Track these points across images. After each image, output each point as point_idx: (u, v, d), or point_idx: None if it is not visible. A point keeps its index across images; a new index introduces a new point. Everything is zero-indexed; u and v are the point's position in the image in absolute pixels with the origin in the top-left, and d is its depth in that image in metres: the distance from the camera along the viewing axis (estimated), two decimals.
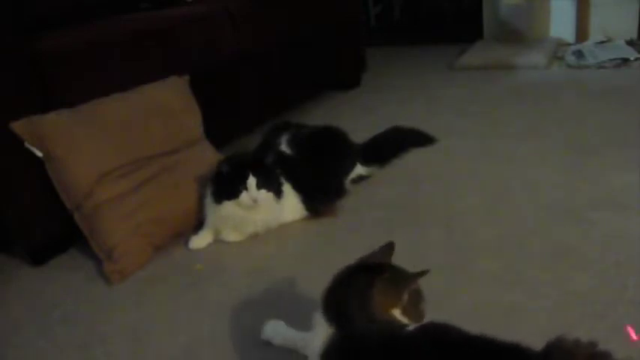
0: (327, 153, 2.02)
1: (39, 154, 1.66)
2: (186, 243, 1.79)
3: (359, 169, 2.11)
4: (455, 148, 2.31)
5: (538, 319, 1.27)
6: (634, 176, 1.88)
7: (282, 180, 1.82)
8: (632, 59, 3.24)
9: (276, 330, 1.28)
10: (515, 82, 3.20)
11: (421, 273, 1.01)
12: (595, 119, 2.46)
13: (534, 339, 0.84)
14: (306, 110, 2.96)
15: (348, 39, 3.20)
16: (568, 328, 1.18)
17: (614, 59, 3.25)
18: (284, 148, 1.96)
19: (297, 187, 1.87)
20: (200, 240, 1.79)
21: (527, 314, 1.29)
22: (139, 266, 1.69)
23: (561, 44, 3.69)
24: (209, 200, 1.77)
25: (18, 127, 1.62)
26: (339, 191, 2.00)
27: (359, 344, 0.93)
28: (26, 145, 1.64)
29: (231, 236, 1.79)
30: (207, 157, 1.93)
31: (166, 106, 1.91)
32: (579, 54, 3.40)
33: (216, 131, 2.10)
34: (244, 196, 1.70)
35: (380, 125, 2.39)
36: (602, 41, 3.56)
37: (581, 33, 3.70)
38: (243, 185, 1.69)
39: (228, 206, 1.72)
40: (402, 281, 1.01)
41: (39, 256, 1.79)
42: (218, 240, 1.80)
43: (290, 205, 1.85)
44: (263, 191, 1.71)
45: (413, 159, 2.25)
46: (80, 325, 1.48)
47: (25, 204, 1.71)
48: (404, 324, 0.97)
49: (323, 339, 0.98)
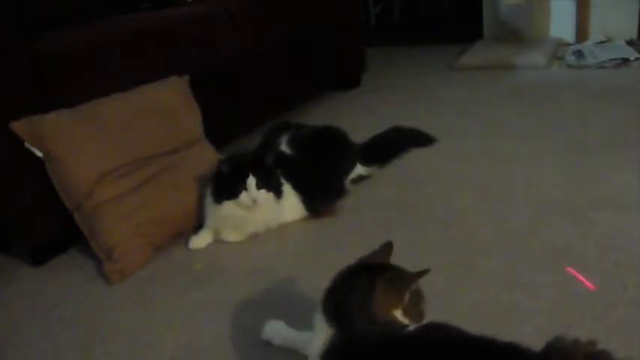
0: (327, 153, 2.02)
1: (39, 154, 1.66)
2: (186, 243, 1.79)
3: (359, 169, 2.10)
4: (455, 148, 2.31)
5: (538, 319, 1.27)
6: (634, 176, 1.88)
7: (282, 180, 1.82)
8: (632, 59, 3.24)
9: (276, 330, 1.28)
10: (515, 82, 3.20)
11: (422, 272, 1.01)
12: (595, 119, 2.46)
13: (534, 339, 0.84)
14: (306, 110, 2.96)
15: (348, 39, 3.20)
16: (568, 328, 1.19)
17: (614, 59, 3.25)
18: (284, 148, 1.96)
19: (297, 187, 1.87)
20: (200, 240, 1.79)
21: (527, 314, 1.29)
22: (139, 266, 1.69)
23: (561, 44, 3.69)
24: (209, 200, 1.77)
25: (18, 127, 1.62)
26: (339, 191, 2.00)
27: (359, 345, 0.93)
28: (26, 145, 1.64)
29: (231, 236, 1.79)
30: (207, 157, 1.93)
31: (166, 106, 1.91)
32: (579, 54, 3.40)
33: (216, 131, 2.10)
34: (244, 196, 1.70)
35: (380, 125, 2.39)
36: (602, 41, 3.56)
37: (581, 33, 3.70)
38: (243, 185, 1.69)
39: (228, 206, 1.72)
40: (403, 281, 1.00)
41: (39, 256, 1.79)
42: (218, 240, 1.80)
43: (290, 205, 1.85)
44: (263, 191, 1.71)
45: (413, 159, 2.25)
46: (80, 325, 1.48)
47: (25, 204, 1.71)
48: (404, 324, 0.97)
49: (323, 340, 0.97)
